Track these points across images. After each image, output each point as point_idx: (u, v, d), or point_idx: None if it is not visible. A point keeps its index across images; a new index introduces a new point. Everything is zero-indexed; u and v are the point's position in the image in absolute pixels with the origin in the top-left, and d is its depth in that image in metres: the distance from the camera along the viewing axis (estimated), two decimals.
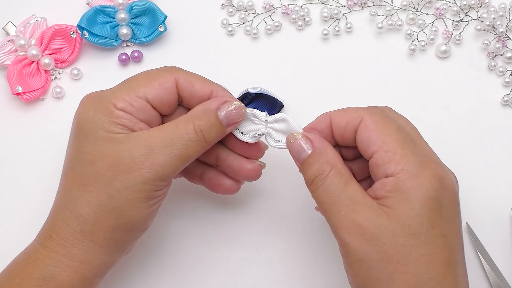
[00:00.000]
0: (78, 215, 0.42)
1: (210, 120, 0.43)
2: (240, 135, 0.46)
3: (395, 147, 0.40)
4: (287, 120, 0.45)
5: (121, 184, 0.41)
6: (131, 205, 0.41)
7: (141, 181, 0.41)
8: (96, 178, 0.41)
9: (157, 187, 0.42)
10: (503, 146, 0.55)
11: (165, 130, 0.42)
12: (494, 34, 0.56)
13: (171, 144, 0.42)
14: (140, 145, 0.41)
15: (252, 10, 0.57)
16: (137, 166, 0.41)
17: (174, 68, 0.45)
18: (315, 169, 0.42)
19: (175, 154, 0.42)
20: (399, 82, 0.56)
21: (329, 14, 0.57)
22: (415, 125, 0.45)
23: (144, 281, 0.53)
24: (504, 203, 0.54)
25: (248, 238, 0.54)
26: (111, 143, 0.42)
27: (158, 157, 0.41)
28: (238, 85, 0.55)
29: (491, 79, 0.56)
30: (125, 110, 0.43)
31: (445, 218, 0.40)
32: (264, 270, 0.53)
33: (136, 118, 0.43)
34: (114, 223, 0.42)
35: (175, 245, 0.54)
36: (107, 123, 0.42)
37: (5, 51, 0.55)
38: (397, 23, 0.56)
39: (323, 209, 0.41)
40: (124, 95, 0.43)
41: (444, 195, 0.40)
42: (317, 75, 0.56)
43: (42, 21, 0.56)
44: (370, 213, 0.39)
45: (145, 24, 0.56)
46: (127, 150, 0.41)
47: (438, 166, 0.41)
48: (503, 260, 0.53)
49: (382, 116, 0.42)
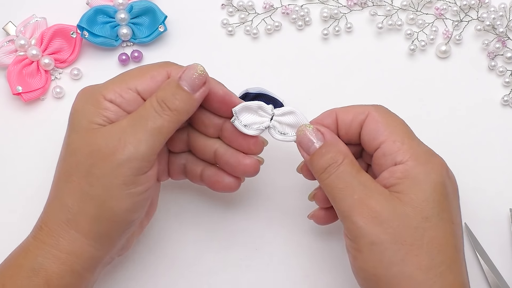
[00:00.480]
0: (64, 205, 0.42)
1: (171, 89, 0.43)
2: (243, 128, 0.46)
3: (403, 137, 0.42)
4: (295, 113, 0.46)
5: (99, 172, 0.41)
6: (111, 193, 0.42)
7: (116, 164, 0.41)
8: (78, 167, 0.42)
9: (134, 169, 0.42)
10: (502, 146, 0.55)
11: (135, 112, 0.43)
12: (494, 34, 0.56)
13: (139, 121, 0.42)
14: (115, 132, 0.42)
15: (252, 10, 0.57)
16: (111, 152, 0.41)
17: (168, 63, 0.46)
18: (328, 158, 0.43)
19: (145, 130, 0.42)
20: (399, 82, 0.56)
21: (329, 14, 0.57)
22: (415, 125, 0.46)
23: (143, 280, 0.53)
24: (502, 203, 0.54)
25: (248, 238, 0.54)
26: (91, 133, 0.42)
27: (129, 137, 0.42)
28: (238, 85, 0.55)
29: (491, 79, 0.56)
30: (113, 102, 0.43)
31: (451, 205, 0.41)
32: (265, 270, 0.53)
33: (124, 111, 0.43)
34: (96, 212, 0.42)
35: (175, 245, 0.54)
36: (92, 113, 0.43)
37: (5, 51, 0.55)
38: (397, 23, 0.56)
39: (333, 195, 0.42)
40: (115, 86, 0.44)
41: (450, 183, 0.42)
42: (317, 75, 0.56)
43: (42, 21, 0.56)
44: (382, 198, 0.41)
45: (145, 24, 0.56)
46: (103, 138, 0.42)
47: (440, 157, 0.43)
48: (502, 260, 0.53)
49: (387, 110, 0.45)
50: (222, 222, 0.54)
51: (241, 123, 0.46)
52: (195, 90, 0.43)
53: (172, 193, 0.54)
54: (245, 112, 0.46)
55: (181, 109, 0.43)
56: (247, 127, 0.46)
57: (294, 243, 0.53)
